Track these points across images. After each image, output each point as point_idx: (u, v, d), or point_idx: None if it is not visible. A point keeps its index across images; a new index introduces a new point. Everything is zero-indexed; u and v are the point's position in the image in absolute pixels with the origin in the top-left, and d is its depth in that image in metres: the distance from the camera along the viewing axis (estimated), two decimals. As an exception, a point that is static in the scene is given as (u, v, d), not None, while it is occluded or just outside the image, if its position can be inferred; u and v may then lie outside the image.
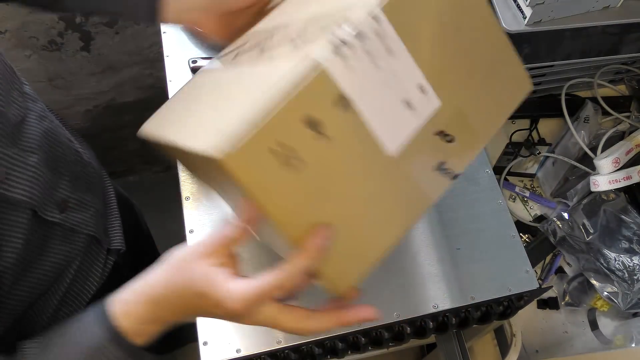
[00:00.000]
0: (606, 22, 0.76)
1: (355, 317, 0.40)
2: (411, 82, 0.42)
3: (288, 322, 0.40)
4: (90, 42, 1.16)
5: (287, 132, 0.37)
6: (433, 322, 0.63)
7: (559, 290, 0.85)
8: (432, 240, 0.65)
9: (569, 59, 0.84)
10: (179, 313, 0.43)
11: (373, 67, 0.40)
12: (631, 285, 0.78)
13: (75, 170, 0.61)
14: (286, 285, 0.38)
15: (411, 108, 0.42)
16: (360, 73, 0.39)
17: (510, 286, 0.62)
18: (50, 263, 0.57)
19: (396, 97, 0.41)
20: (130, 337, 0.43)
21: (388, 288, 0.62)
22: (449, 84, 0.44)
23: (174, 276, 0.42)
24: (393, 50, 0.41)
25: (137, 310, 0.43)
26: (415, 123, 0.42)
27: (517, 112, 0.49)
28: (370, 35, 0.39)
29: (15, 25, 1.05)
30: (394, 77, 0.41)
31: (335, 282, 0.41)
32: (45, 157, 0.54)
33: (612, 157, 0.81)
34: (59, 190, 0.56)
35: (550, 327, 0.83)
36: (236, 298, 0.38)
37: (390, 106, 0.41)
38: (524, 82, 0.50)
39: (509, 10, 0.76)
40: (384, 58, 0.40)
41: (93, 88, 1.29)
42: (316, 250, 0.38)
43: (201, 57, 0.76)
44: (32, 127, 0.54)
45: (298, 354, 0.61)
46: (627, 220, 0.82)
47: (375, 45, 0.40)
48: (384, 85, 0.41)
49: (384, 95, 0.41)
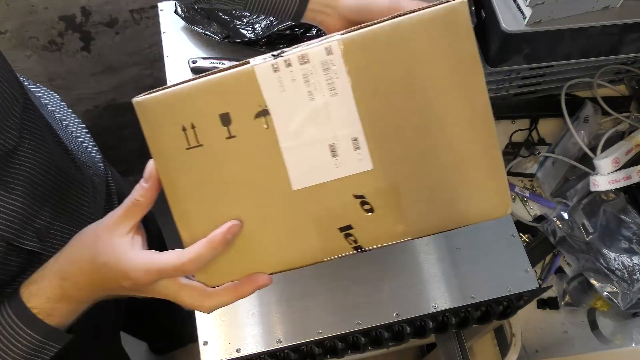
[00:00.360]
0: (606, 22, 0.76)
1: (251, 287, 0.41)
2: (345, 130, 0.39)
3: (188, 298, 0.41)
4: (91, 42, 1.16)
5: (202, 116, 0.39)
6: (433, 322, 0.63)
7: (558, 290, 0.86)
8: (432, 240, 0.65)
9: (568, 59, 0.84)
10: (88, 288, 0.43)
11: (306, 95, 0.39)
12: (631, 285, 0.78)
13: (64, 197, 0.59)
14: (187, 268, 0.39)
15: (335, 157, 0.40)
16: (289, 94, 0.39)
17: (510, 286, 0.62)
18: None
19: (322, 138, 0.39)
20: (42, 316, 0.43)
21: (388, 288, 0.62)
22: (395, 155, 0.40)
23: (79, 249, 0.43)
24: (336, 90, 0.38)
25: (43, 288, 0.43)
26: (332, 174, 0.40)
27: (517, 112, 0.47)
28: (314, 63, 0.38)
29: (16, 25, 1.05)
30: (327, 117, 0.39)
31: (211, 275, 0.42)
32: (31, 189, 0.52)
33: (612, 157, 0.81)
34: (39, 219, 0.54)
35: (550, 327, 0.83)
36: (139, 268, 0.39)
37: (312, 144, 0.39)
38: (500, 203, 0.41)
39: (509, 10, 0.76)
40: (323, 93, 0.38)
41: (93, 88, 1.29)
42: (222, 242, 0.39)
43: (201, 57, 0.76)
44: (22, 159, 0.51)
45: (298, 354, 0.61)
46: (626, 220, 0.82)
47: (317, 75, 0.38)
48: (312, 120, 0.39)
49: (309, 129, 0.39)
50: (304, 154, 0.39)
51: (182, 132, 0.39)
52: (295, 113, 0.39)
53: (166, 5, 0.83)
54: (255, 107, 0.39)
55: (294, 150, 0.39)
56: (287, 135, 0.39)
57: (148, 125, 0.40)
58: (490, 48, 0.80)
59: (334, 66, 0.38)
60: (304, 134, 0.39)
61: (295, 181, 0.40)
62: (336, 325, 0.60)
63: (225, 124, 0.39)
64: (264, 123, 0.39)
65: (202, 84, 0.39)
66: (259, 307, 0.60)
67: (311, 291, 0.62)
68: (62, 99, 0.75)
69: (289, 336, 0.59)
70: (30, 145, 0.53)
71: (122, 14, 1.12)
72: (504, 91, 0.94)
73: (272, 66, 0.38)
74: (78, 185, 0.62)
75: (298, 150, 0.39)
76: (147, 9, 1.12)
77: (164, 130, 0.40)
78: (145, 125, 0.40)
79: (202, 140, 0.39)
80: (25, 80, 0.69)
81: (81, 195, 0.62)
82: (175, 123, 0.39)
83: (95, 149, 0.74)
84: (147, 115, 0.40)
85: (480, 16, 0.80)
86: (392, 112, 0.39)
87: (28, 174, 0.52)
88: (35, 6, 1.03)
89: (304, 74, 0.38)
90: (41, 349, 0.46)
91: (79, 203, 0.62)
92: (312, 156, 0.39)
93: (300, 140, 0.39)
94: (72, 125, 0.72)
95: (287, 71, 0.38)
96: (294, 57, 0.38)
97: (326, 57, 0.38)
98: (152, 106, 0.39)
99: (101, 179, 0.71)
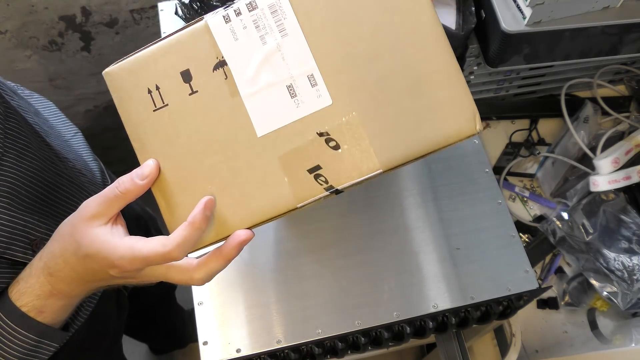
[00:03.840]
0: (606, 22, 0.76)
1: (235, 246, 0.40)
2: (300, 69, 0.40)
3: (177, 275, 0.41)
4: (91, 42, 1.16)
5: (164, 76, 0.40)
6: (433, 322, 0.63)
7: (558, 290, 0.86)
8: (432, 240, 0.65)
9: (568, 59, 0.84)
10: (76, 281, 0.42)
11: (258, 40, 0.40)
12: (631, 285, 0.78)
13: (59, 206, 0.58)
14: (173, 256, 0.39)
15: (294, 97, 0.40)
16: (243, 42, 0.40)
17: (509, 286, 0.62)
18: None
19: (279, 79, 0.40)
20: (34, 314, 0.43)
21: (388, 288, 0.62)
22: (353, 86, 0.39)
23: (60, 243, 0.42)
24: (286, 30, 0.39)
25: (31, 285, 0.43)
26: (294, 115, 0.40)
27: (516, 112, 0.47)
28: (262, 7, 0.39)
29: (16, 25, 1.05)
30: (281, 58, 0.40)
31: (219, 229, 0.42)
32: (19, 200, 0.51)
33: (612, 157, 0.81)
34: (31, 230, 0.52)
35: (550, 327, 0.83)
36: (124, 256, 0.39)
37: (270, 87, 0.40)
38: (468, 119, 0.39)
39: (509, 10, 0.76)
40: (274, 35, 0.39)
41: (93, 88, 1.29)
42: (203, 220, 0.39)
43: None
44: (6, 169, 0.50)
45: (298, 353, 0.61)
46: (626, 220, 0.82)
47: (267, 19, 0.39)
48: (267, 63, 0.40)
49: (265, 73, 0.40)
50: (264, 99, 0.40)
51: (148, 95, 0.41)
52: (251, 59, 0.40)
53: (166, 5, 0.83)
54: (212, 60, 0.40)
55: (254, 96, 0.40)
56: (246, 82, 0.40)
57: (117, 93, 0.42)
58: (490, 48, 0.81)
59: (280, 7, 0.39)
60: (261, 79, 0.40)
61: (259, 127, 0.40)
62: (336, 325, 0.60)
63: (187, 80, 0.41)
64: (222, 74, 0.40)
65: (161, 45, 0.40)
66: (259, 307, 0.60)
67: (311, 291, 0.62)
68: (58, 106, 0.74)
69: (289, 336, 0.59)
70: (14, 155, 0.52)
71: (122, 14, 1.12)
72: (504, 91, 0.94)
73: (224, 17, 0.40)
74: (69, 194, 0.60)
75: (258, 96, 0.40)
76: (147, 9, 1.12)
77: (131, 95, 0.41)
78: (114, 94, 0.42)
79: (167, 99, 0.41)
80: (20, 88, 0.68)
81: (74, 204, 0.61)
82: (141, 86, 0.41)
83: (92, 157, 0.73)
84: (115, 83, 0.42)
85: (480, 16, 0.80)
86: (343, 43, 0.39)
87: (12, 184, 0.50)
88: (35, 6, 1.03)
89: (254, 20, 0.39)
90: (37, 348, 0.45)
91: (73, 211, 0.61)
92: (272, 100, 0.40)
93: (259, 86, 0.40)
94: (68, 134, 0.71)
95: (237, 20, 0.40)
96: (242, 5, 0.40)
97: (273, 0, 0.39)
98: (118, 74, 0.41)
99: (97, 187, 0.69)
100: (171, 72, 0.40)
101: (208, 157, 0.41)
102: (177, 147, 0.41)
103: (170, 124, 0.41)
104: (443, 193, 0.68)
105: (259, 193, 0.41)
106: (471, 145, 0.71)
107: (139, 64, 0.41)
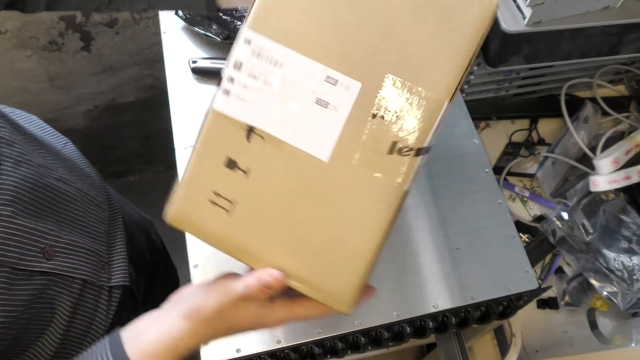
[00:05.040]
0: (606, 22, 0.76)
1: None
2: (314, 79, 0.39)
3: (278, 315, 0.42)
4: (91, 42, 1.17)
5: (215, 179, 0.40)
6: (433, 322, 0.63)
7: (558, 290, 0.86)
8: (432, 240, 0.65)
9: (568, 59, 0.84)
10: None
11: (264, 87, 0.39)
12: (630, 285, 0.78)
13: (64, 211, 0.58)
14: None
15: (328, 105, 0.39)
16: (253, 98, 0.39)
17: (509, 286, 0.62)
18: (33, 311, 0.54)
19: (305, 101, 0.39)
20: None
21: (388, 288, 0.62)
22: (365, 56, 0.39)
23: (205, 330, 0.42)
24: (279, 60, 0.39)
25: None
26: (340, 119, 0.39)
27: (516, 112, 0.47)
28: (246, 58, 0.39)
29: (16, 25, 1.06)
30: (292, 84, 0.39)
31: (337, 297, 0.41)
32: (23, 207, 0.51)
33: (612, 157, 0.81)
34: (39, 238, 0.52)
35: (549, 327, 0.83)
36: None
37: (303, 114, 0.39)
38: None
39: (509, 10, 0.76)
40: (273, 72, 0.39)
41: (93, 88, 1.29)
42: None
43: (201, 58, 0.76)
44: (5, 176, 0.50)
45: (298, 353, 0.61)
46: (626, 220, 0.82)
47: (257, 65, 0.39)
48: (285, 98, 0.39)
49: (290, 106, 0.39)
50: (307, 128, 0.39)
51: (214, 206, 0.40)
52: (270, 106, 0.39)
53: (166, 6, 0.83)
54: (241, 133, 0.40)
55: (296, 132, 0.39)
56: (281, 127, 0.39)
57: (191, 227, 0.41)
58: (490, 48, 0.81)
59: (260, 47, 0.39)
60: (290, 114, 0.39)
61: (322, 153, 0.39)
62: (336, 325, 0.60)
63: (233, 166, 0.40)
64: (258, 138, 0.39)
65: (193, 160, 0.41)
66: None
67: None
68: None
69: (289, 336, 0.59)
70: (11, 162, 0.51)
71: (122, 14, 1.12)
72: (504, 91, 0.94)
73: (224, 92, 0.39)
74: (71, 198, 0.60)
75: (299, 129, 0.39)
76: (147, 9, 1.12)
77: (202, 218, 0.41)
78: (190, 231, 0.41)
79: (232, 196, 0.40)
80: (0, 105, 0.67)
81: (78, 208, 0.61)
82: (203, 205, 0.40)
83: (86, 164, 0.72)
84: (183, 222, 0.41)
85: (480, 16, 0.80)
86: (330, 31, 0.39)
87: (14, 192, 0.50)
88: (35, 6, 1.03)
89: (248, 74, 0.39)
90: None
91: (80, 216, 0.61)
92: (313, 123, 0.39)
93: (293, 121, 0.39)
94: (59, 144, 0.69)
95: (235, 86, 0.39)
96: (230, 71, 0.39)
97: (249, 46, 0.39)
98: (179, 210, 0.41)
99: (99, 190, 0.69)
100: (217, 172, 0.40)
101: (299, 211, 0.40)
102: (270, 227, 0.40)
103: (251, 215, 0.40)
104: (443, 193, 0.68)
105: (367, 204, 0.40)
106: (471, 145, 0.71)
107: (187, 189, 0.41)
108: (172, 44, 0.79)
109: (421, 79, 0.38)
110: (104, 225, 0.66)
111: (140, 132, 1.47)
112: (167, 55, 0.77)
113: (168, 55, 0.77)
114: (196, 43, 0.79)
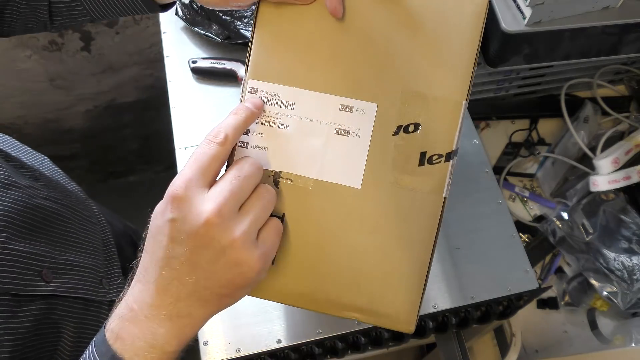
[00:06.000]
0: (606, 22, 0.76)
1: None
2: (329, 111, 0.39)
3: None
4: (91, 42, 1.16)
5: None
6: (433, 322, 0.63)
7: (558, 290, 0.86)
8: (432, 240, 0.65)
9: (568, 59, 0.84)
10: None
11: (280, 132, 0.39)
12: (630, 285, 0.78)
13: (56, 230, 0.57)
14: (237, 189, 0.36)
15: (349, 133, 0.39)
16: (272, 145, 0.39)
17: (509, 286, 0.62)
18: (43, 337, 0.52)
19: (325, 135, 0.39)
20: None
21: (388, 288, 0.62)
22: (372, 75, 0.39)
23: None
24: (290, 101, 0.39)
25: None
26: (364, 145, 0.39)
27: (516, 112, 0.47)
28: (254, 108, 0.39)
29: (16, 25, 1.06)
30: (309, 121, 0.39)
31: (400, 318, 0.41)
32: (16, 231, 0.50)
33: (612, 157, 0.81)
34: (35, 261, 0.51)
35: (549, 327, 0.83)
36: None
37: (326, 148, 0.39)
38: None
39: (509, 10, 0.76)
40: (286, 114, 0.39)
41: (93, 88, 1.29)
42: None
43: (201, 58, 0.76)
44: None
45: (298, 353, 0.61)
46: (626, 220, 0.82)
47: (269, 112, 0.39)
48: (305, 136, 0.39)
49: (312, 143, 0.39)
50: (333, 161, 0.39)
51: None
52: (291, 149, 0.39)
53: (166, 6, 0.83)
54: (268, 181, 0.39)
55: (324, 168, 0.39)
56: (307, 167, 0.39)
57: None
58: (490, 48, 0.81)
59: (267, 93, 0.39)
60: (314, 151, 0.39)
61: (353, 182, 0.39)
62: (336, 325, 0.60)
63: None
64: (286, 182, 0.39)
65: None
66: (259, 307, 0.60)
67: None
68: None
69: (289, 336, 0.59)
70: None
71: (122, 14, 1.12)
72: (504, 91, 0.94)
73: (241, 146, 0.39)
74: (61, 216, 0.59)
75: (326, 164, 0.39)
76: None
77: None
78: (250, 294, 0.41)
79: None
80: None
81: (68, 226, 0.60)
82: None
83: (68, 180, 0.70)
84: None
85: (480, 16, 0.80)
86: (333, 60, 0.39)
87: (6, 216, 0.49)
88: (35, 6, 1.03)
89: (262, 122, 0.39)
90: None
91: (72, 233, 0.60)
92: (338, 155, 0.39)
93: (319, 157, 0.39)
94: (36, 162, 0.67)
95: (252, 136, 0.39)
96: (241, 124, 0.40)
97: (256, 95, 0.39)
98: None
99: (85, 205, 0.68)
100: None
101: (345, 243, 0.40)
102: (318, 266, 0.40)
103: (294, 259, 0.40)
104: (443, 193, 0.68)
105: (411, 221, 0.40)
106: (471, 145, 0.71)
107: None
108: (172, 44, 0.79)
109: (434, 85, 0.38)
110: (97, 240, 0.65)
111: (140, 132, 1.47)
112: (167, 55, 0.77)
113: (168, 55, 0.77)
114: (196, 43, 0.79)
